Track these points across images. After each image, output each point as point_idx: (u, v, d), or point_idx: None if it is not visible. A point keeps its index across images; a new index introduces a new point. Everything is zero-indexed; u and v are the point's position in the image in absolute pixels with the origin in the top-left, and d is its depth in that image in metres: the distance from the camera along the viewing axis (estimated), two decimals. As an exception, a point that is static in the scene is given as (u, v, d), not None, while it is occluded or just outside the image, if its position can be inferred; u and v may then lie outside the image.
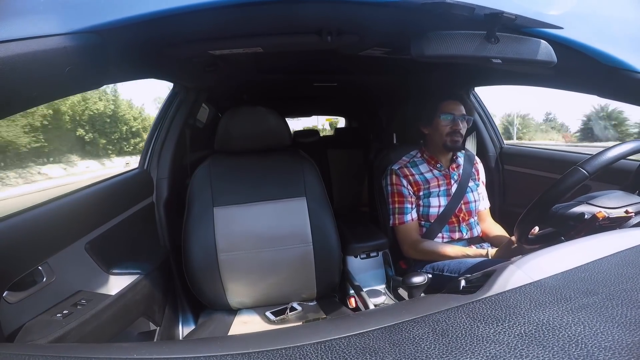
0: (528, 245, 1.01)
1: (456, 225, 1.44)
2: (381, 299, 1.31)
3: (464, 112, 1.41)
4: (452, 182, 1.46)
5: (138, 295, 1.14)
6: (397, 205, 1.43)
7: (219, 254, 1.23)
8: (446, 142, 1.40)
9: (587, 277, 0.45)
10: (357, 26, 0.89)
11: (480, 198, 1.51)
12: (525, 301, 0.41)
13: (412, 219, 1.42)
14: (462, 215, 1.44)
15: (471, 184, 1.48)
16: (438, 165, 1.46)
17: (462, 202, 1.44)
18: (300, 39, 0.91)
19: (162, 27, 0.71)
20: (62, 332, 0.83)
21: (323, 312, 1.29)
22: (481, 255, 1.26)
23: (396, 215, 1.43)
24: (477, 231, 1.48)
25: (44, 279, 0.88)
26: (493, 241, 1.47)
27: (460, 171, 1.48)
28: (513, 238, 1.09)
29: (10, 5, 0.55)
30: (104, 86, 0.80)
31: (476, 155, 1.65)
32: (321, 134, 3.44)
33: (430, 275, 1.15)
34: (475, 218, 1.50)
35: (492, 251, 1.24)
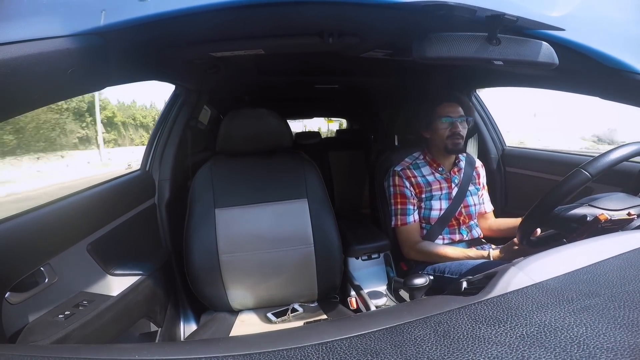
0: (530, 247, 1.01)
1: (456, 227, 1.44)
2: (382, 300, 1.31)
3: (462, 114, 1.40)
4: (453, 185, 1.46)
5: (140, 296, 1.14)
6: (399, 207, 1.43)
7: (220, 255, 1.23)
8: (447, 145, 1.40)
9: (589, 279, 0.45)
10: (358, 28, 0.89)
11: (480, 201, 1.51)
12: (527, 303, 0.41)
13: (415, 220, 1.42)
14: (462, 218, 1.44)
15: (471, 187, 1.48)
16: (440, 169, 1.47)
17: (462, 205, 1.44)
18: (301, 41, 0.92)
19: (164, 29, 0.71)
20: (64, 333, 0.83)
21: (324, 313, 1.29)
22: (482, 257, 1.25)
23: (398, 217, 1.43)
24: (477, 233, 1.48)
25: (46, 280, 0.88)
26: (504, 233, 1.48)
27: (462, 175, 1.48)
28: (515, 240, 1.09)
29: (12, 7, 0.55)
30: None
31: (478, 157, 1.65)
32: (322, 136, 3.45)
33: (431, 277, 1.15)
34: (475, 220, 1.50)
35: (493, 252, 1.24)
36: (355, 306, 1.35)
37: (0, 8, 0.54)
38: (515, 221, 1.44)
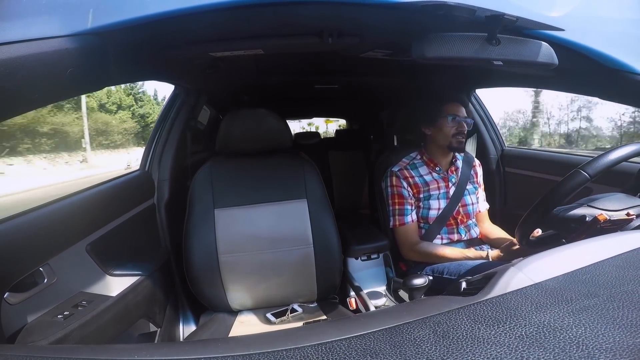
0: (529, 247, 1.01)
1: (454, 227, 1.44)
2: (382, 301, 1.31)
3: (466, 115, 1.42)
4: (451, 184, 1.46)
5: (139, 296, 1.14)
6: (397, 207, 1.43)
7: (219, 256, 1.23)
8: (452, 143, 1.40)
9: (588, 279, 0.45)
10: (357, 28, 0.89)
11: (478, 200, 1.51)
12: (526, 303, 0.41)
13: (412, 221, 1.42)
14: (459, 217, 1.44)
15: (469, 186, 1.48)
16: (437, 169, 1.47)
17: (459, 204, 1.44)
18: (301, 41, 0.91)
19: (163, 29, 0.71)
20: (63, 334, 0.83)
21: (324, 313, 1.29)
22: (481, 257, 1.26)
23: (396, 217, 1.43)
24: (475, 233, 1.48)
25: (45, 280, 0.88)
26: (493, 243, 1.47)
27: (459, 174, 1.49)
28: (514, 240, 1.09)
29: (12, 7, 0.55)
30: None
31: (477, 157, 1.65)
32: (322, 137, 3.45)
33: (431, 278, 1.15)
34: (474, 220, 1.50)
35: (492, 253, 1.24)
36: (354, 306, 1.35)
37: None
38: (506, 236, 1.46)
